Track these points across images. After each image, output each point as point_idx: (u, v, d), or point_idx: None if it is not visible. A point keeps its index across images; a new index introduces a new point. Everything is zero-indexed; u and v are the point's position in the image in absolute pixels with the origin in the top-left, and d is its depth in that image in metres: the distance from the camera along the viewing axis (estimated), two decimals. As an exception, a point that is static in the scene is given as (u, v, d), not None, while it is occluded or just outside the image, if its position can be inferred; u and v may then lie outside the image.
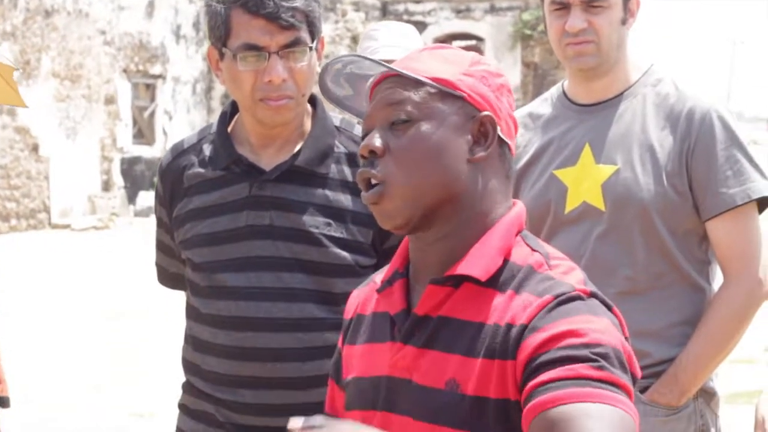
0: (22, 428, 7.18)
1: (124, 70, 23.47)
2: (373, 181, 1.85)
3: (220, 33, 2.60)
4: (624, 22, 2.97)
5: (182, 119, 24.71)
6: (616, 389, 1.66)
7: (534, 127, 3.10)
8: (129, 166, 23.46)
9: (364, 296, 2.03)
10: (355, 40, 23.67)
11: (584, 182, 2.97)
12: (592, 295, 1.77)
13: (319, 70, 2.69)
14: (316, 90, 2.73)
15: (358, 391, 1.93)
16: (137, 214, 22.60)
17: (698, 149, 2.91)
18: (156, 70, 24.18)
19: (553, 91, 3.16)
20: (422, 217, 1.84)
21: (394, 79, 1.87)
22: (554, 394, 1.65)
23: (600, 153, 2.97)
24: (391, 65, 1.89)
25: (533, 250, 1.85)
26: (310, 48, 2.60)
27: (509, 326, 1.75)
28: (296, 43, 2.57)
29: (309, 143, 2.66)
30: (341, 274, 2.59)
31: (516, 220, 1.88)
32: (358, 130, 2.74)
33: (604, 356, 1.68)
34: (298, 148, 2.67)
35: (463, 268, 1.82)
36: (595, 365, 1.66)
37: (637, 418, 1.67)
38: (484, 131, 1.86)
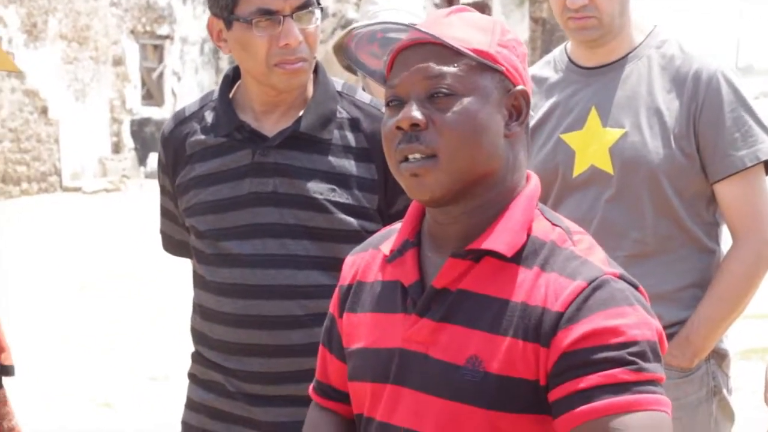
0: (31, 392, 7.21)
1: (132, 31, 23.40)
2: (417, 155, 1.79)
3: (226, 2, 2.55)
4: None
5: (191, 80, 24.66)
6: (651, 386, 1.71)
7: (538, 91, 3.08)
8: (139, 128, 23.44)
9: (364, 263, 1.99)
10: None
11: (591, 146, 2.95)
12: (621, 277, 1.78)
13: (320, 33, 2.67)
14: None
15: (366, 362, 1.90)
16: (148, 175, 22.59)
17: (705, 111, 2.89)
18: (163, 30, 24.11)
19: (556, 54, 3.13)
20: (459, 191, 1.81)
21: (428, 47, 1.81)
22: (593, 406, 1.68)
23: (606, 116, 2.95)
24: (426, 31, 1.81)
25: (554, 224, 1.84)
26: (319, 9, 2.58)
27: (543, 310, 1.74)
28: (308, 4, 2.54)
29: (311, 109, 2.63)
30: (347, 239, 2.57)
31: (535, 193, 1.87)
32: (360, 95, 2.71)
33: (641, 355, 1.71)
34: (300, 114, 2.64)
35: (488, 243, 1.79)
36: (632, 368, 1.70)
37: (669, 405, 1.73)
38: (517, 106, 1.84)
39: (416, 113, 1.78)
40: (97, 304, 10.41)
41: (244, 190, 2.61)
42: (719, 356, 3.01)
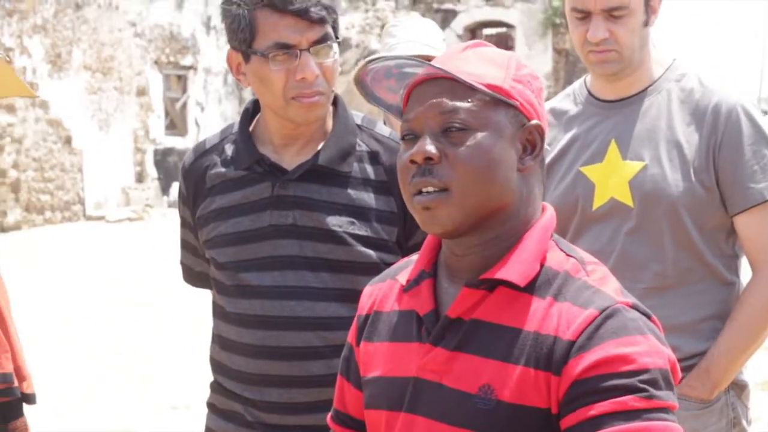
0: (50, 422, 7.22)
1: (156, 62, 23.54)
2: (431, 189, 1.81)
3: (244, 36, 2.57)
4: (646, 23, 2.95)
5: (214, 110, 24.77)
6: (662, 414, 1.71)
7: (557, 124, 3.09)
8: (162, 158, 23.54)
9: (381, 293, 2.01)
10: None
11: (611, 179, 2.96)
12: (633, 306, 1.78)
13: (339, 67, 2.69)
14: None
15: (381, 390, 1.92)
16: (171, 205, 22.68)
17: (725, 144, 2.90)
18: (187, 61, 24.25)
19: (576, 87, 3.14)
20: (472, 225, 1.82)
21: (442, 81, 1.83)
22: None
23: (626, 149, 2.96)
24: (439, 66, 1.83)
25: (567, 255, 1.85)
26: (337, 43, 2.60)
27: (555, 339, 1.75)
28: (325, 38, 2.57)
29: (331, 142, 2.65)
30: (366, 271, 2.58)
31: (550, 225, 1.88)
32: (380, 128, 2.73)
33: (652, 383, 1.71)
34: (319, 147, 2.66)
35: (501, 273, 1.81)
36: (643, 396, 1.70)
37: None
38: (532, 140, 1.85)
39: (430, 147, 1.80)
40: (118, 333, 10.43)
41: (264, 222, 2.63)
42: (739, 387, 3.01)
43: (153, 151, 23.40)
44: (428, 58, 2.69)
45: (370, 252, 2.61)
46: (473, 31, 25.37)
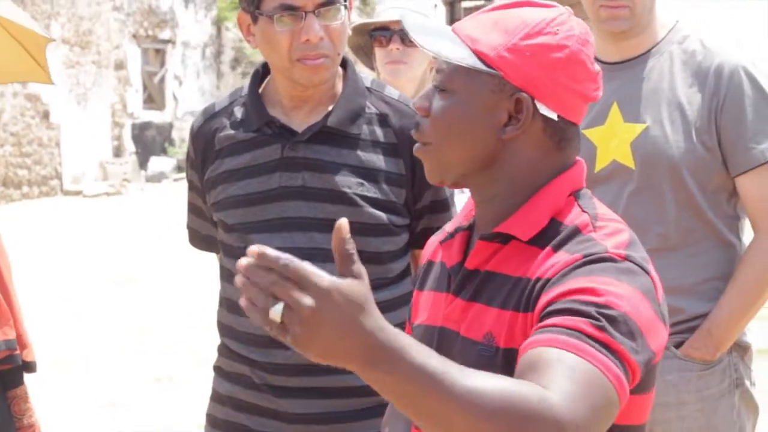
0: (35, 394, 7.22)
1: (134, 36, 23.41)
2: (421, 140, 1.90)
3: None
4: None
5: (192, 84, 24.66)
6: (608, 353, 1.61)
7: None
8: (140, 132, 23.44)
9: (436, 243, 2.06)
10: (365, 1, 23.53)
11: (613, 141, 2.98)
12: (627, 258, 1.76)
13: (350, 30, 2.70)
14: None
15: (420, 338, 1.96)
16: (149, 179, 22.60)
17: (727, 105, 2.91)
18: (165, 35, 24.12)
19: None
20: (456, 182, 1.90)
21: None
22: (544, 337, 1.63)
23: (628, 111, 2.98)
24: (413, 34, 1.84)
25: (583, 211, 1.85)
26: (345, 6, 2.61)
27: (536, 280, 1.77)
28: (331, 1, 2.58)
29: (340, 104, 2.66)
30: (375, 233, 2.60)
31: (568, 181, 1.88)
32: (389, 90, 2.74)
33: (611, 319, 1.64)
34: (329, 109, 2.67)
35: (505, 227, 1.84)
36: (596, 324, 1.63)
37: (621, 391, 1.61)
38: (520, 109, 1.83)
39: (422, 101, 1.89)
40: (98, 308, 10.42)
41: (273, 184, 2.64)
42: (741, 349, 3.04)
43: (131, 126, 23.29)
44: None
45: (380, 213, 2.62)
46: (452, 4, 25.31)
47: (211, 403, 2.83)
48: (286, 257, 1.40)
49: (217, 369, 2.81)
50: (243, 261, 1.42)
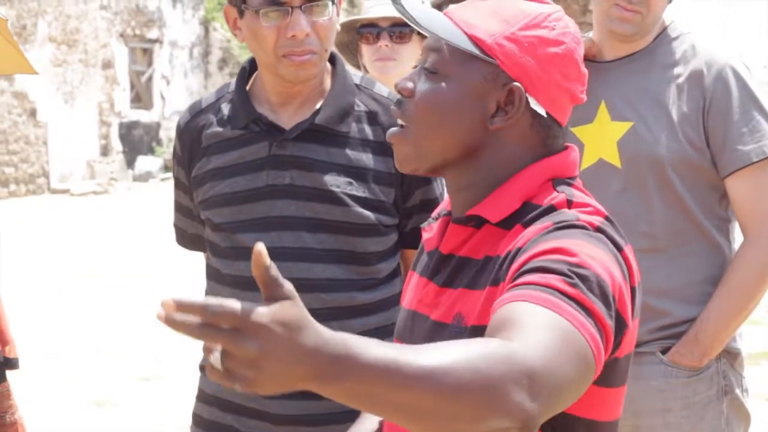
0: (22, 392, 7.19)
1: (121, 35, 23.36)
2: (399, 121, 1.85)
3: None
4: None
5: (179, 83, 24.63)
6: (581, 309, 1.56)
7: None
8: (127, 131, 23.40)
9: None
10: (352, 2, 23.52)
11: (600, 139, 2.96)
12: (599, 230, 1.71)
13: (338, 26, 2.67)
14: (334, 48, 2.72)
15: (398, 320, 1.99)
16: (136, 178, 22.57)
17: (714, 105, 2.89)
18: (153, 34, 24.07)
19: None
20: (431, 170, 1.85)
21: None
22: (516, 293, 1.58)
23: (615, 110, 2.96)
24: (410, 12, 1.80)
25: (558, 192, 1.79)
26: (332, 2, 2.58)
27: (507, 253, 1.73)
28: None
29: (329, 102, 2.63)
30: (364, 233, 2.57)
31: (549, 167, 1.82)
32: (378, 88, 2.71)
33: (583, 278, 1.59)
34: (318, 106, 2.64)
35: (476, 210, 1.81)
36: (568, 281, 1.58)
37: (597, 352, 1.56)
38: (511, 100, 1.80)
39: (406, 82, 1.84)
40: (85, 306, 10.39)
41: (261, 182, 2.61)
42: (731, 355, 3.00)
43: (118, 125, 23.25)
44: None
45: (368, 213, 2.59)
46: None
47: (197, 403, 2.80)
48: (213, 304, 1.32)
49: (203, 368, 2.78)
50: (162, 313, 1.31)
